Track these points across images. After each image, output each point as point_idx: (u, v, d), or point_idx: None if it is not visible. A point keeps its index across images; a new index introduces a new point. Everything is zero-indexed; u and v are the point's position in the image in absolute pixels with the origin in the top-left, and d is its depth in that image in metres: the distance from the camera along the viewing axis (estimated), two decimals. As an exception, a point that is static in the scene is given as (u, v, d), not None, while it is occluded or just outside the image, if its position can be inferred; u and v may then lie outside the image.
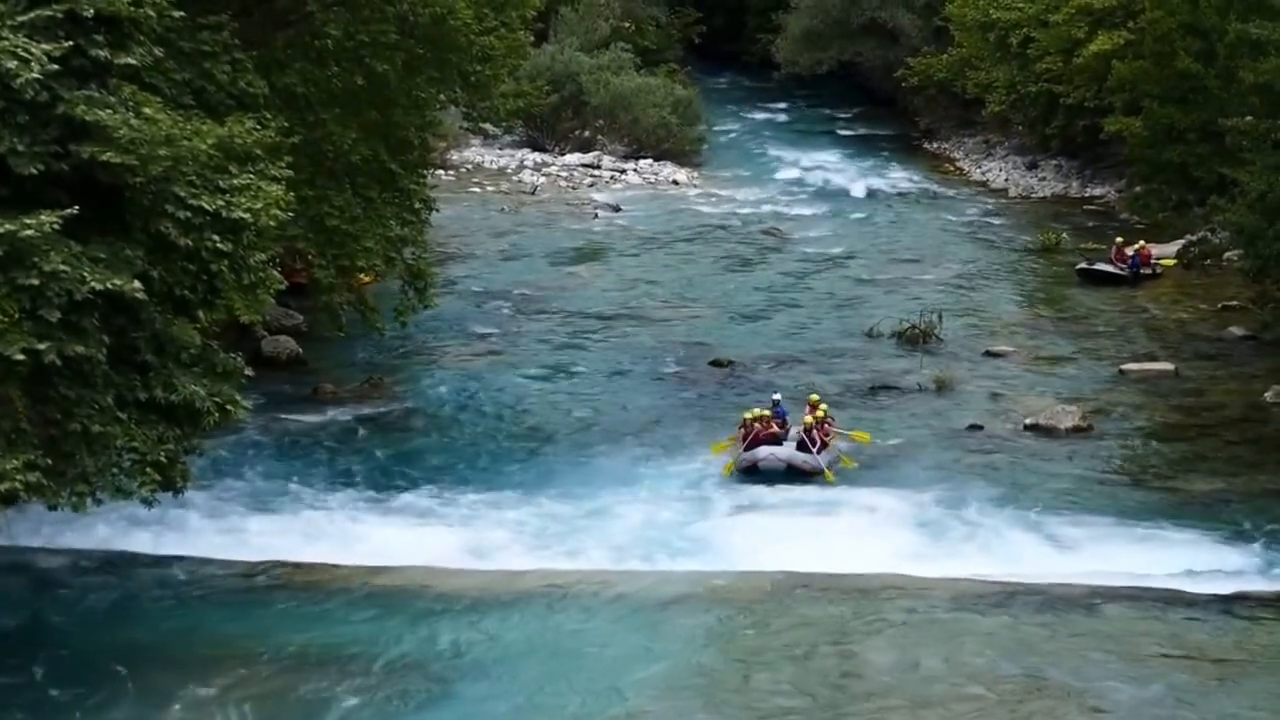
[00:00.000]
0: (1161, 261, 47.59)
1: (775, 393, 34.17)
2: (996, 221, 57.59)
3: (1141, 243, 48.14)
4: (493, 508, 29.05)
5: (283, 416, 33.37)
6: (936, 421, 34.40)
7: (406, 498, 29.43)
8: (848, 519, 29.03)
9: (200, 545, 26.71)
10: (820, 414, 32.34)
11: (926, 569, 26.34)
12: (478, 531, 27.97)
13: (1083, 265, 47.89)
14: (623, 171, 65.60)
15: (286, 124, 26.23)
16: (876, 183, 65.19)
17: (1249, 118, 39.68)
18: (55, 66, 19.91)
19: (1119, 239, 48.86)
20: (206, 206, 21.07)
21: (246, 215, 21.47)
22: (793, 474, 31.27)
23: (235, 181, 21.74)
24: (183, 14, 22.88)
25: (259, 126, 23.21)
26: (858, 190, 63.79)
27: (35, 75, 19.64)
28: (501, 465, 31.48)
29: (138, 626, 23.78)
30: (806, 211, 59.13)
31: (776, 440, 31.78)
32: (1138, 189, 54.33)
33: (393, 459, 31.66)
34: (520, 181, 62.98)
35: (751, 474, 31.38)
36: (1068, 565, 26.68)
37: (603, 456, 32.12)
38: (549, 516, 28.68)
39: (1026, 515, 28.96)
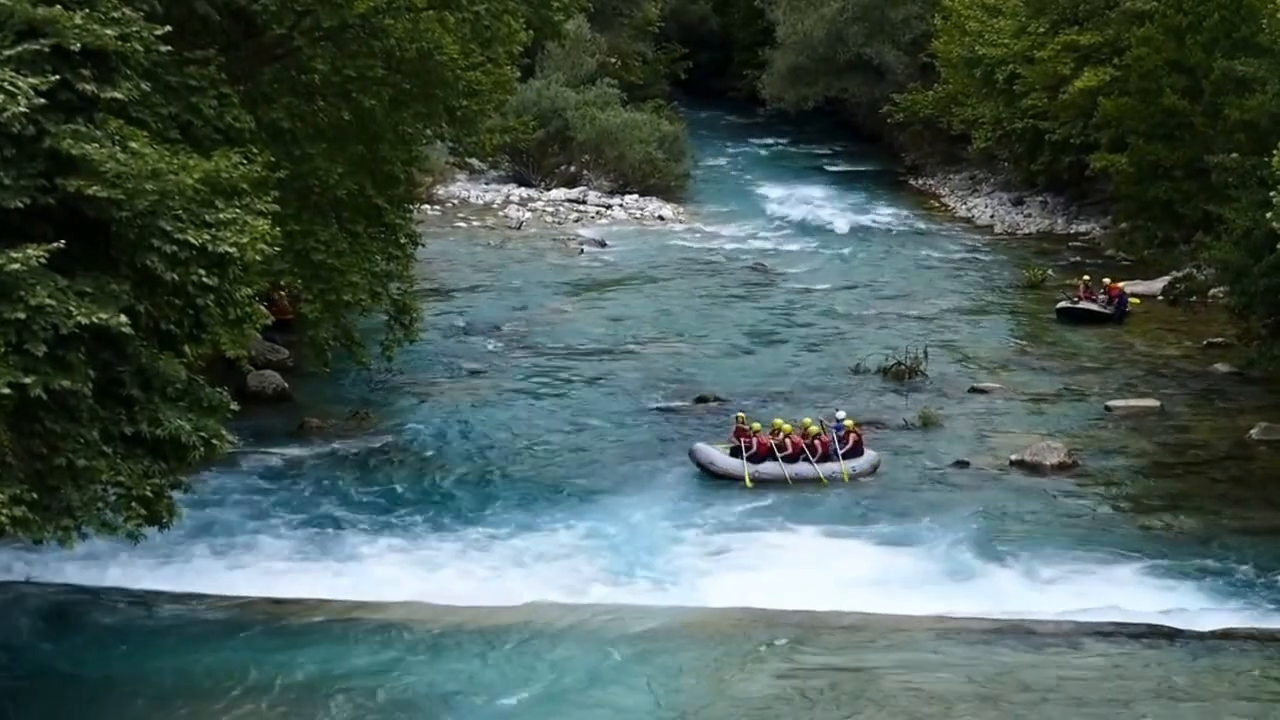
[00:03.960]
0: (1129, 299, 47.60)
1: (839, 411, 34.71)
2: (982, 258, 57.75)
3: (1108, 280, 48.13)
4: (476, 542, 29.00)
5: (268, 451, 33.26)
6: (922, 458, 34.36)
7: (392, 532, 29.32)
8: (830, 556, 28.87)
9: (186, 581, 26.60)
10: (788, 429, 33.30)
11: (910, 606, 26.27)
12: (460, 566, 27.93)
13: (1064, 304, 47.78)
14: (608, 207, 65.71)
15: (273, 158, 26.17)
16: (862, 219, 65.43)
17: (1234, 154, 39.75)
18: (42, 100, 19.82)
19: (1085, 277, 48.84)
20: (193, 241, 20.97)
21: (233, 250, 21.38)
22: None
23: (221, 216, 21.64)
24: (169, 48, 22.78)
25: (245, 161, 23.13)
26: (843, 226, 64.00)
27: (21, 109, 19.56)
28: (485, 500, 31.37)
29: (120, 662, 23.67)
30: (792, 247, 59.27)
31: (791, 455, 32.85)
32: (1123, 225, 54.56)
33: (379, 493, 31.53)
34: (506, 217, 63.08)
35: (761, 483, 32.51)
36: (1052, 602, 26.64)
37: (586, 491, 32.00)
38: (532, 551, 28.59)
39: (1012, 552, 28.90)
